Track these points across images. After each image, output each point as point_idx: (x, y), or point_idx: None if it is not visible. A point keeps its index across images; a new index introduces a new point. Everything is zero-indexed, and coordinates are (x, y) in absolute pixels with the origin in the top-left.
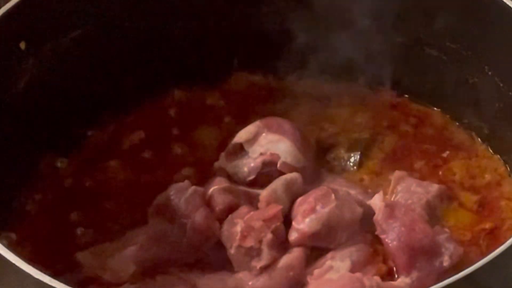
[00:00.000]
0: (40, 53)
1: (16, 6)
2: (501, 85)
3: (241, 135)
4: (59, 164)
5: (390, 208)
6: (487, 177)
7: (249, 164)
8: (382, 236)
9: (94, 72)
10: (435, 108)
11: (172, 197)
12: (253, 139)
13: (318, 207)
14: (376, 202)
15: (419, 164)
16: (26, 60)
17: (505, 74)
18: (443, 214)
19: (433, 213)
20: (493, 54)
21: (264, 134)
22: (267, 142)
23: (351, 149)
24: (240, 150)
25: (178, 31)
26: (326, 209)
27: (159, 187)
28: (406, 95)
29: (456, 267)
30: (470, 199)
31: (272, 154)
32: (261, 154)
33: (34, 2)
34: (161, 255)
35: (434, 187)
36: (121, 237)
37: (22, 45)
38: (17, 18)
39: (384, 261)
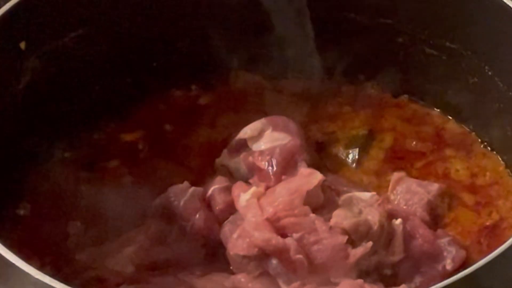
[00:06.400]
0: (40, 53)
1: (16, 6)
2: (501, 85)
3: (246, 131)
4: (59, 164)
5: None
6: (487, 176)
7: None
8: None
9: (94, 72)
10: (435, 108)
11: (171, 199)
12: (258, 136)
13: None
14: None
15: (419, 164)
16: (26, 60)
17: (505, 74)
18: (444, 213)
19: (434, 213)
20: (493, 54)
21: (268, 132)
22: (271, 140)
23: (349, 145)
24: (243, 146)
25: (178, 31)
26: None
27: (159, 187)
28: (406, 95)
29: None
30: (470, 198)
31: None
32: None
33: (34, 2)
34: (160, 256)
35: (435, 187)
36: (120, 238)
37: (22, 45)
38: (17, 18)
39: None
